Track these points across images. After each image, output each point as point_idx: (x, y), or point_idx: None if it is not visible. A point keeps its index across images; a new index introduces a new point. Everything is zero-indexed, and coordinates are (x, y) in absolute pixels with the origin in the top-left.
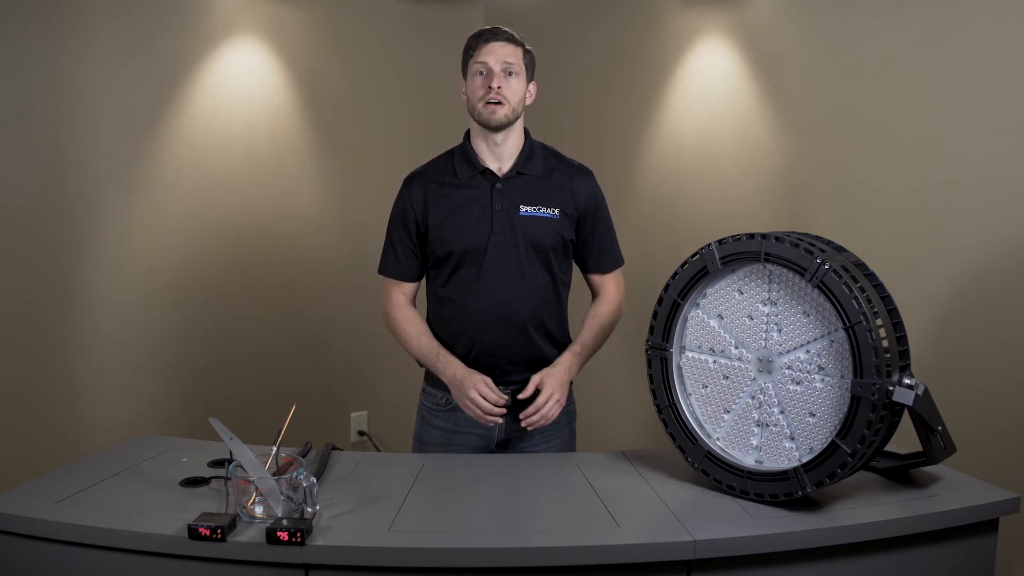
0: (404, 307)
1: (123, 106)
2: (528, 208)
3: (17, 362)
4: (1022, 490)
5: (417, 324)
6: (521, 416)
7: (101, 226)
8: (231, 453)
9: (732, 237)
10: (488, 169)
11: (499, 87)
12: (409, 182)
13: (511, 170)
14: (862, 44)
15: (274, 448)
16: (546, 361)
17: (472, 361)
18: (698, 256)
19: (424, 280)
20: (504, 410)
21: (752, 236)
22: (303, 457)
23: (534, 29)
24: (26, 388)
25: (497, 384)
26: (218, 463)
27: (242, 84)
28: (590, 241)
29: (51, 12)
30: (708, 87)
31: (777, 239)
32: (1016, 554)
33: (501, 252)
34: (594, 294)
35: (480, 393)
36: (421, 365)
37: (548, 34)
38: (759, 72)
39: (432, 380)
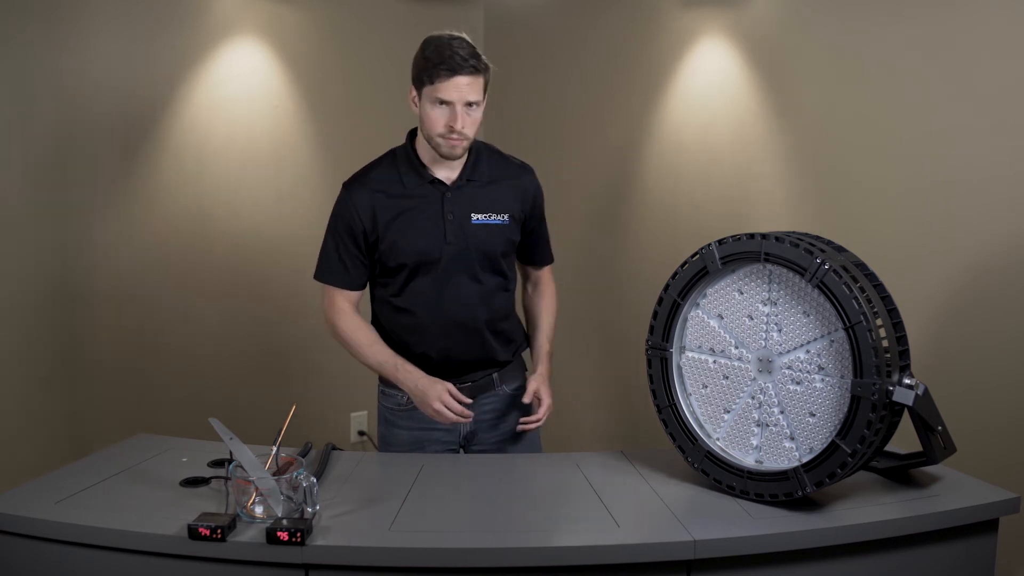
0: (351, 315)
1: (123, 106)
2: (479, 216)
3: (17, 362)
4: (1022, 490)
5: (367, 332)
6: (521, 421)
7: (100, 226)
8: (231, 453)
9: (732, 237)
10: (437, 179)
11: (462, 127)
12: (352, 188)
13: (459, 178)
14: (862, 44)
15: (274, 448)
16: (499, 358)
17: (431, 367)
18: (698, 256)
19: (368, 286)
20: (470, 412)
21: (752, 236)
22: (303, 457)
23: (534, 29)
24: (26, 387)
25: (464, 377)
26: (218, 463)
27: (242, 84)
28: (534, 238)
29: (51, 12)
30: (708, 87)
31: (777, 239)
32: (1016, 554)
33: (455, 262)
34: (531, 281)
35: (444, 403)
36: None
37: (548, 34)
38: (759, 72)
39: (388, 381)
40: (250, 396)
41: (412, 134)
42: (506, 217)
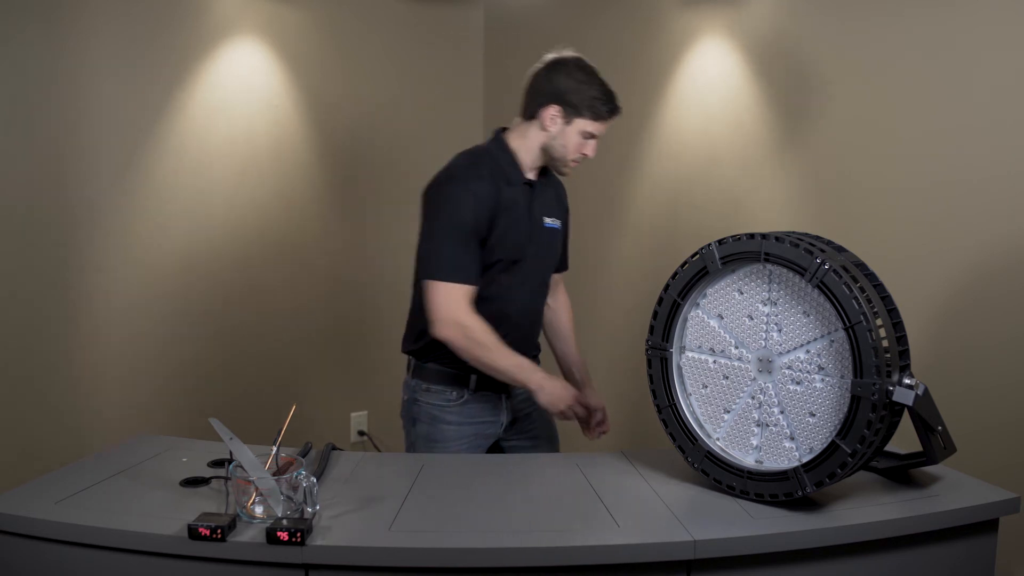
0: (476, 315)
1: (123, 106)
2: (547, 220)
3: (17, 362)
4: (1022, 490)
5: (493, 333)
6: (593, 429)
7: (102, 226)
8: (231, 453)
9: (732, 237)
10: (529, 180)
11: (592, 155)
12: (469, 181)
13: (538, 182)
14: (862, 44)
15: (274, 448)
16: (531, 352)
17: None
18: (698, 256)
19: None
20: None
21: (752, 236)
22: (303, 457)
23: (534, 29)
24: (26, 388)
25: (513, 395)
26: (218, 463)
27: (242, 84)
28: (563, 244)
29: (51, 12)
30: (708, 87)
31: (777, 239)
32: (1016, 554)
33: (533, 261)
34: (550, 294)
35: (573, 403)
36: (485, 373)
37: (548, 34)
38: (759, 72)
39: (439, 379)
40: (250, 396)
41: (499, 132)
42: (559, 222)
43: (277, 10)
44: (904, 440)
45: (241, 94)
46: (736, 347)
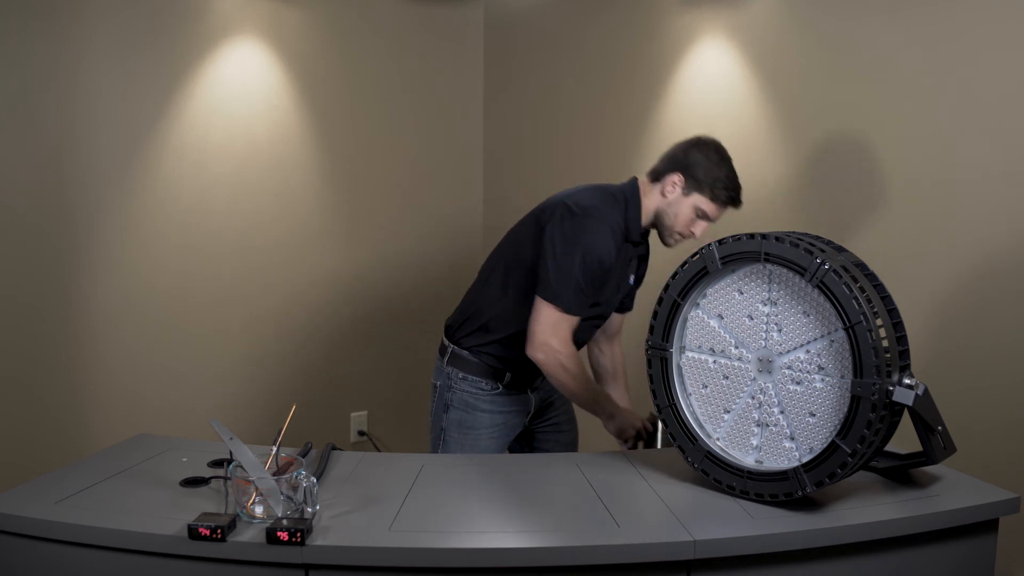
0: (571, 343)
1: (123, 106)
2: (631, 278)
3: (17, 362)
4: (1022, 490)
5: (584, 366)
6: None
7: (101, 225)
8: (231, 453)
9: (732, 237)
10: (637, 241)
11: (700, 236)
12: (608, 223)
13: (641, 246)
14: (862, 44)
15: (274, 448)
16: None
17: (527, 371)
18: (698, 256)
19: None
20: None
21: (752, 236)
22: (303, 457)
23: (534, 29)
24: (26, 388)
25: (533, 378)
26: (218, 463)
27: (242, 84)
28: (631, 290)
29: (51, 12)
30: (708, 87)
31: (777, 239)
32: (1016, 554)
33: (607, 309)
34: (607, 334)
35: (642, 423)
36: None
37: (548, 34)
38: (759, 72)
39: (478, 370)
40: (250, 396)
41: (634, 181)
42: (633, 279)
43: (277, 10)
44: (904, 440)
45: (241, 94)
46: (736, 347)
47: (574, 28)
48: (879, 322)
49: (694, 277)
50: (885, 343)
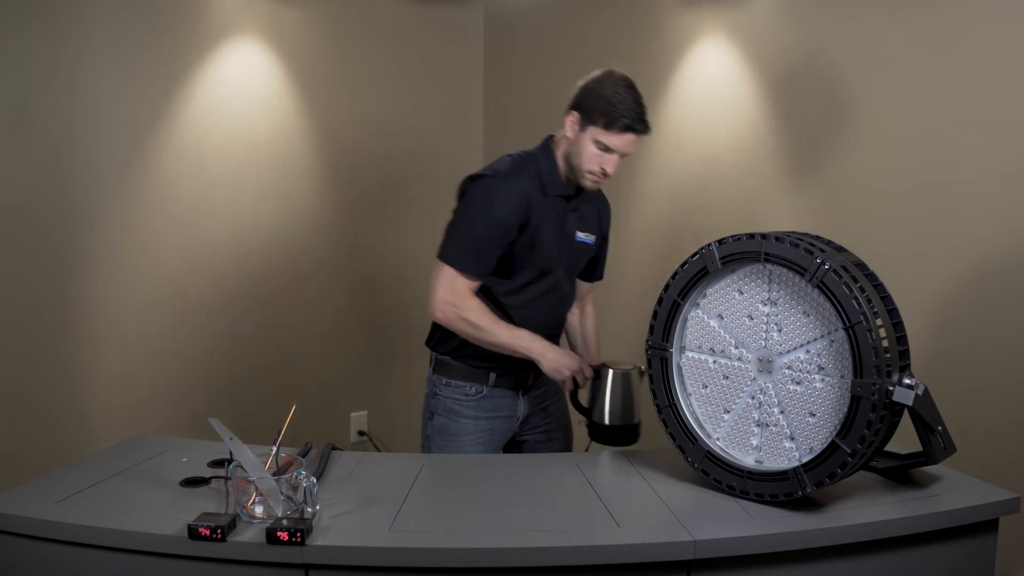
0: (475, 297)
1: (123, 106)
2: (581, 235)
3: (17, 362)
4: (1022, 490)
5: (490, 312)
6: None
7: (101, 225)
8: (231, 453)
9: (732, 237)
10: (566, 194)
11: (613, 172)
12: (510, 179)
13: (576, 199)
14: (862, 44)
15: (274, 448)
16: None
17: (517, 360)
18: (698, 256)
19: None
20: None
21: (752, 236)
22: (303, 457)
23: (534, 29)
24: (26, 388)
25: (524, 376)
26: (218, 463)
27: (242, 84)
28: (598, 257)
29: (51, 12)
30: (708, 87)
31: (777, 239)
32: (1016, 554)
33: (563, 274)
34: (578, 302)
35: (581, 367)
36: (482, 348)
37: (548, 34)
38: (759, 72)
39: (459, 374)
40: (250, 396)
41: (548, 139)
42: (593, 238)
43: (277, 10)
44: (904, 440)
45: (241, 94)
46: (736, 347)
47: (574, 28)
48: (879, 322)
49: (694, 277)
50: (885, 343)
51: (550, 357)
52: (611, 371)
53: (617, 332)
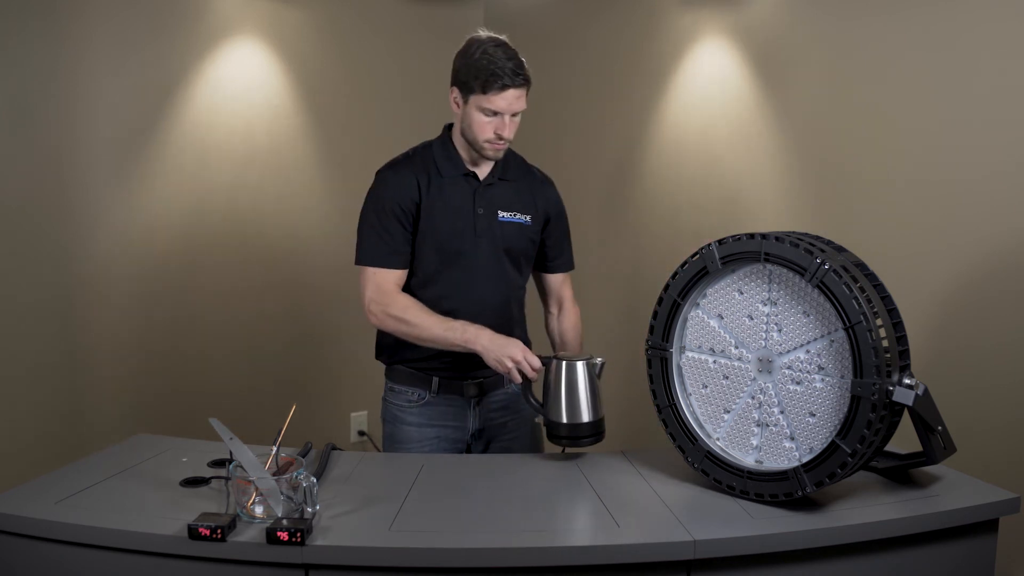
0: (401, 294)
1: (123, 106)
2: (506, 214)
3: (17, 361)
4: (1022, 490)
5: (422, 306)
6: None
7: (101, 225)
8: (231, 453)
9: (732, 237)
10: (471, 172)
11: (509, 135)
12: (395, 168)
13: (490, 175)
14: (862, 44)
15: (274, 448)
16: None
17: (451, 359)
18: (698, 256)
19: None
20: (539, 369)
21: (752, 236)
22: (303, 457)
23: (534, 29)
24: (26, 387)
25: (473, 374)
26: (218, 463)
27: (242, 84)
28: (556, 243)
29: (51, 12)
30: (708, 87)
31: (777, 239)
32: (1016, 554)
33: (486, 256)
34: (554, 300)
35: (524, 354)
36: (419, 345)
37: (548, 34)
38: (759, 72)
39: (402, 378)
40: (250, 396)
41: (448, 127)
42: (529, 218)
43: (277, 10)
44: (904, 440)
45: (241, 94)
46: (736, 347)
47: (574, 28)
48: (879, 322)
49: (694, 277)
50: (885, 343)
51: (487, 346)
52: (563, 363)
53: (617, 332)
